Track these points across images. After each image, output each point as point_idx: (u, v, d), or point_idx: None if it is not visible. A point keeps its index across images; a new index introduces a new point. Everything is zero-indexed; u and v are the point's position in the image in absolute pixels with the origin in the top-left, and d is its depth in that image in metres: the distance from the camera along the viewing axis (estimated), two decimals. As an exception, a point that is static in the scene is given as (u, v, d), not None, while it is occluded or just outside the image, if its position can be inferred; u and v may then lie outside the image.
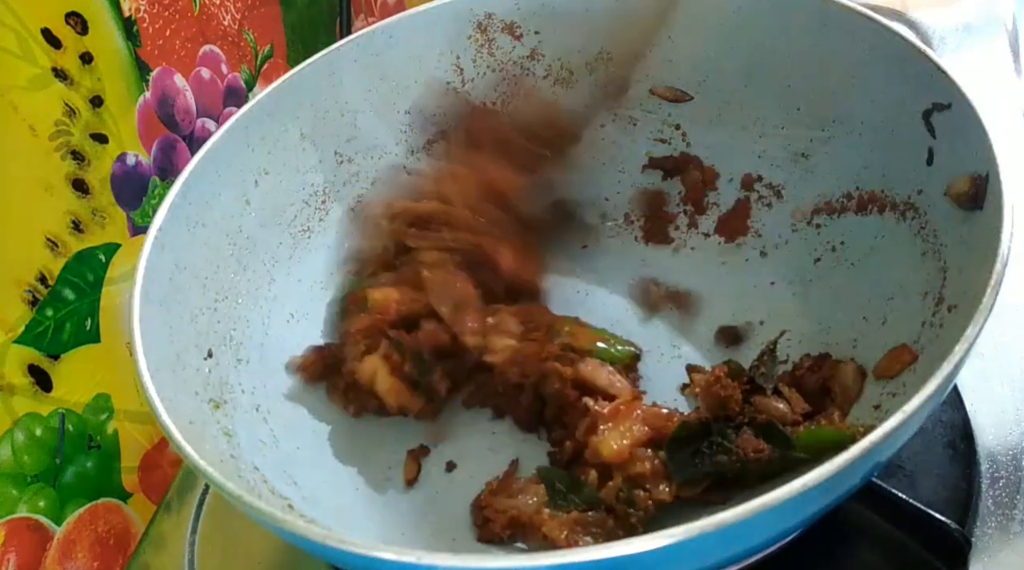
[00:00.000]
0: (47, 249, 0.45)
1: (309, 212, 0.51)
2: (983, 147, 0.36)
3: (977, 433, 0.41)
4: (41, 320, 0.45)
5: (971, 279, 0.34)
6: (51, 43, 0.45)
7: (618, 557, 0.26)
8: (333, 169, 0.52)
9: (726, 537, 0.27)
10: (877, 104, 0.44)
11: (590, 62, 0.53)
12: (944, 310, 0.36)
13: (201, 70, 0.57)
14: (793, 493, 0.27)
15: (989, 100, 0.38)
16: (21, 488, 0.44)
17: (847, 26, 0.44)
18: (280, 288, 0.48)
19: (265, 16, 0.63)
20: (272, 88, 0.49)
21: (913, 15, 0.66)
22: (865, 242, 0.44)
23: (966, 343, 0.30)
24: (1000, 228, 0.33)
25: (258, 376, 0.45)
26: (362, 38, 0.52)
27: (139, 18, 0.51)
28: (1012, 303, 0.45)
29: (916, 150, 0.41)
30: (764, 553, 0.33)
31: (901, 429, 0.28)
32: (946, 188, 0.38)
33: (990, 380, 0.43)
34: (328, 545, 0.29)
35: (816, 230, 0.47)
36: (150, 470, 0.52)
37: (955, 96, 0.38)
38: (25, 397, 0.44)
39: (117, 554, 0.49)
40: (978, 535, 0.38)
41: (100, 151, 0.48)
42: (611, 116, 0.53)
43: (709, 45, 0.50)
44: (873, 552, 0.38)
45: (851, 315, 0.43)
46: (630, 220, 0.54)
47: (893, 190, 0.43)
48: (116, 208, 0.49)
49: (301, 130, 0.50)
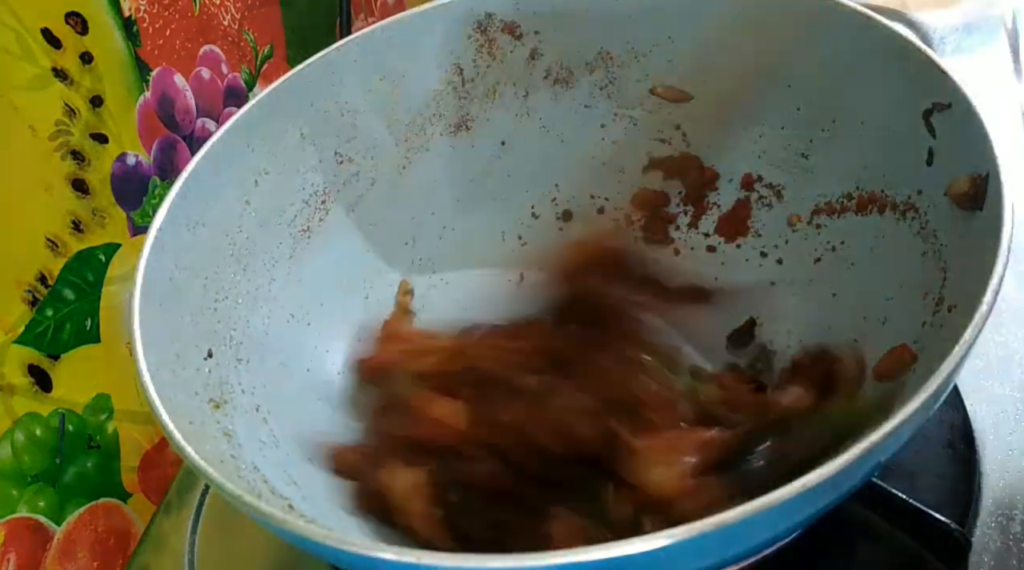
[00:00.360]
0: (47, 249, 0.45)
1: (309, 212, 0.51)
2: (983, 147, 0.36)
3: (977, 433, 0.41)
4: (41, 320, 0.45)
5: (971, 279, 0.34)
6: (51, 43, 0.45)
7: (618, 557, 0.26)
8: (333, 169, 0.52)
9: (726, 537, 0.27)
10: (877, 104, 0.44)
11: (590, 62, 0.54)
12: (944, 310, 0.36)
13: (201, 70, 0.57)
14: (793, 493, 0.27)
15: (989, 100, 0.38)
16: (21, 488, 0.44)
17: (847, 26, 0.44)
18: (280, 288, 0.48)
19: (265, 16, 0.63)
20: (272, 88, 0.49)
21: (913, 15, 0.66)
22: (865, 242, 0.44)
23: (966, 343, 0.30)
24: (1000, 228, 0.33)
25: (258, 376, 0.45)
26: (362, 38, 0.52)
27: (139, 18, 0.51)
28: (1012, 303, 0.45)
29: (916, 150, 0.41)
30: (764, 553, 0.33)
31: (901, 429, 0.28)
32: (946, 188, 0.38)
33: (990, 380, 0.43)
34: (328, 545, 0.29)
35: (816, 230, 0.47)
36: (150, 470, 0.52)
37: (955, 96, 0.38)
38: (25, 397, 0.44)
39: (117, 554, 0.49)
40: (978, 535, 0.38)
41: (100, 151, 0.48)
42: (611, 116, 0.53)
43: (709, 45, 0.50)
44: (873, 552, 0.38)
45: (851, 315, 0.43)
46: (631, 221, 0.54)
47: (893, 190, 0.43)
48: (116, 208, 0.49)
49: (301, 130, 0.50)
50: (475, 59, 0.54)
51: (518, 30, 0.54)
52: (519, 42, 0.54)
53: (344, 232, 0.52)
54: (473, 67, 0.54)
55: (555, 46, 0.54)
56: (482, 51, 0.54)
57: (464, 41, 0.54)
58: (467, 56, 0.54)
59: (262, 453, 0.41)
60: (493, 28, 0.53)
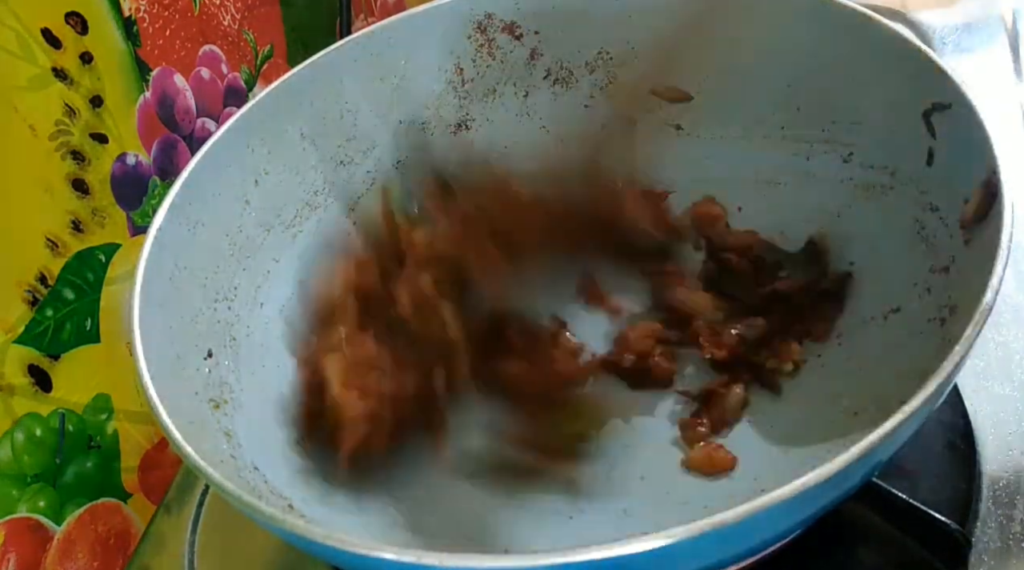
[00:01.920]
0: (47, 249, 0.45)
1: (309, 212, 0.51)
2: (983, 147, 0.36)
3: (977, 433, 0.41)
4: (41, 320, 0.45)
5: (971, 279, 0.34)
6: (51, 43, 0.45)
7: (618, 557, 0.26)
8: (333, 169, 0.52)
9: (726, 537, 0.27)
10: (877, 104, 0.44)
11: (590, 62, 0.53)
12: (944, 310, 0.36)
13: (201, 70, 0.57)
14: (793, 493, 0.27)
15: (989, 100, 0.38)
16: (21, 488, 0.44)
17: (847, 26, 0.44)
18: (280, 288, 0.48)
19: (265, 16, 0.63)
20: (272, 88, 0.49)
21: (913, 15, 0.66)
22: (866, 243, 0.44)
23: (966, 343, 0.30)
24: (1000, 228, 0.33)
25: (258, 376, 0.45)
26: (362, 38, 0.52)
27: (139, 18, 0.51)
28: (1012, 303, 0.45)
29: (916, 150, 0.41)
30: (764, 553, 0.33)
31: (901, 429, 0.28)
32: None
33: (990, 380, 0.43)
34: (328, 545, 0.29)
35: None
36: (150, 470, 0.52)
37: (955, 96, 0.38)
38: (25, 397, 0.44)
39: (117, 554, 0.49)
40: (978, 535, 0.38)
41: (100, 151, 0.48)
42: (611, 116, 0.53)
43: (709, 45, 0.50)
44: (873, 552, 0.38)
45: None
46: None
47: (893, 191, 0.43)
48: (116, 208, 0.49)
49: (301, 130, 0.50)
50: (475, 59, 0.54)
51: (518, 30, 0.54)
52: (519, 42, 0.54)
53: (344, 232, 0.52)
54: (473, 67, 0.54)
55: (555, 46, 0.54)
56: (482, 51, 0.54)
57: (464, 41, 0.54)
58: (467, 56, 0.54)
59: (262, 453, 0.41)
60: (493, 28, 0.53)
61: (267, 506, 0.31)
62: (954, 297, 0.36)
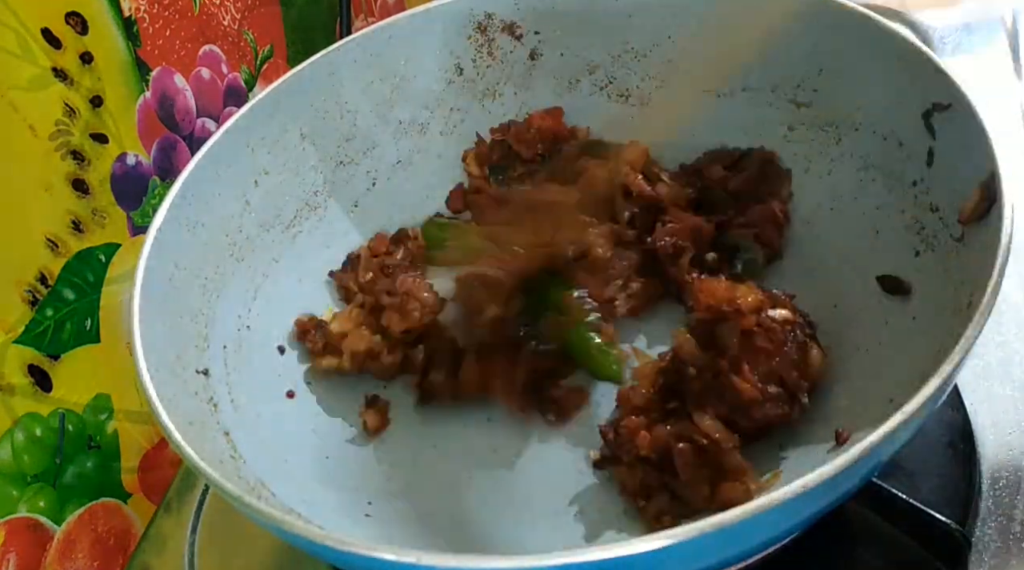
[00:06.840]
0: (47, 249, 0.45)
1: (309, 212, 0.51)
2: (983, 147, 0.36)
3: (977, 433, 0.41)
4: (41, 320, 0.45)
5: (971, 279, 0.34)
6: (51, 43, 0.45)
7: (618, 557, 0.26)
8: (333, 169, 0.52)
9: (726, 537, 0.27)
10: (877, 104, 0.44)
11: (590, 62, 0.53)
12: (944, 310, 0.36)
13: (201, 70, 0.57)
14: (793, 493, 0.27)
15: (989, 100, 0.38)
16: (21, 488, 0.44)
17: (847, 26, 0.44)
18: (280, 287, 0.48)
19: (265, 16, 0.63)
20: (272, 88, 0.49)
21: (913, 15, 0.66)
22: (865, 243, 0.44)
23: (966, 343, 0.30)
24: (1000, 228, 0.33)
25: (258, 376, 0.45)
26: (362, 38, 0.52)
27: (139, 18, 0.51)
28: (1012, 303, 0.45)
29: (916, 150, 0.41)
30: (764, 553, 0.33)
31: (901, 429, 0.28)
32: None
33: (990, 380, 0.43)
34: (328, 545, 0.29)
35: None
36: (150, 470, 0.52)
37: (955, 96, 0.38)
38: (25, 397, 0.44)
39: (117, 554, 0.49)
40: (978, 535, 0.38)
41: (100, 151, 0.48)
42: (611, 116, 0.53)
43: (710, 45, 0.50)
44: (873, 552, 0.38)
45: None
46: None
47: (893, 191, 0.43)
48: (116, 208, 0.49)
49: (301, 130, 0.50)
50: (475, 59, 0.54)
51: (518, 30, 0.54)
52: (519, 42, 0.54)
53: (344, 232, 0.52)
54: (473, 67, 0.54)
55: (555, 46, 0.54)
56: (482, 51, 0.54)
57: (464, 41, 0.54)
58: (467, 56, 0.54)
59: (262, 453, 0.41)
60: (493, 28, 0.53)
61: (267, 506, 0.31)
62: (954, 297, 0.36)
